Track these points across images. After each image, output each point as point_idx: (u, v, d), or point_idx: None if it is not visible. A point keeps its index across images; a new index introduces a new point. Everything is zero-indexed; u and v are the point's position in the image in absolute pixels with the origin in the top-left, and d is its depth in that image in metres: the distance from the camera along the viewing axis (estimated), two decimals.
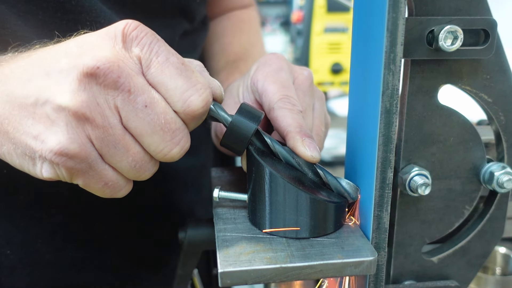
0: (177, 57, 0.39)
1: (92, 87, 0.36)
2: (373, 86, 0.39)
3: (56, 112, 0.36)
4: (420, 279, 0.47)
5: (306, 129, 0.45)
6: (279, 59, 0.52)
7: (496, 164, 0.45)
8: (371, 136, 0.40)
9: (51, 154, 0.36)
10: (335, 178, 0.44)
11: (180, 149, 0.39)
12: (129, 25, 0.38)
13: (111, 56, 0.36)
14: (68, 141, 0.36)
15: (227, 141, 0.43)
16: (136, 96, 0.37)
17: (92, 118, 0.36)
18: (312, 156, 0.43)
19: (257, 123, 0.42)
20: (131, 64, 0.37)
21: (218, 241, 0.41)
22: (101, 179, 0.39)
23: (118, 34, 0.37)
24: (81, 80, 0.35)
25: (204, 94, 0.39)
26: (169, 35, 0.63)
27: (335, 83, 1.81)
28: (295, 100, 0.47)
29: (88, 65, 0.35)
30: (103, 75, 0.36)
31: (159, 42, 0.38)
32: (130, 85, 0.36)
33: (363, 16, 0.41)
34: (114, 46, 0.37)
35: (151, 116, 0.37)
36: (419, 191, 0.42)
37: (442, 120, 0.43)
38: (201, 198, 0.77)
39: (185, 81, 0.38)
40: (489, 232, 0.48)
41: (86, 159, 0.37)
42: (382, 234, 0.41)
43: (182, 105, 0.38)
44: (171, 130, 0.38)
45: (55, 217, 0.60)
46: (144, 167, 0.40)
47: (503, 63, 0.43)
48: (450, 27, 0.39)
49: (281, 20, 2.84)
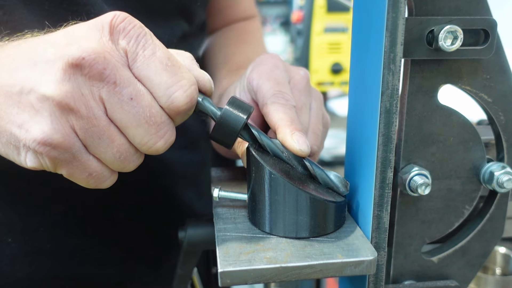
0: (164, 51, 0.39)
1: (77, 78, 0.36)
2: (373, 86, 0.39)
3: (40, 101, 0.36)
4: (420, 279, 0.47)
5: (297, 123, 0.45)
6: (274, 58, 0.52)
7: (496, 164, 0.45)
8: (371, 136, 0.40)
9: (34, 144, 0.36)
10: (323, 171, 0.44)
11: (165, 142, 0.40)
12: (117, 17, 0.38)
13: (97, 47, 0.36)
14: (51, 131, 0.36)
15: (216, 134, 0.42)
16: (122, 88, 0.37)
17: (76, 108, 0.36)
18: (300, 150, 0.43)
19: (246, 116, 0.42)
20: (117, 57, 0.37)
21: (218, 241, 0.41)
22: (85, 170, 0.39)
23: (105, 26, 0.37)
24: (66, 70, 0.35)
25: (189, 91, 0.39)
26: (169, 36, 0.64)
27: (335, 83, 1.81)
28: (289, 96, 0.47)
29: (74, 55, 0.35)
30: (89, 66, 0.36)
31: (147, 35, 0.38)
32: (115, 77, 0.36)
33: (363, 16, 0.41)
34: (101, 38, 0.37)
35: (136, 108, 0.37)
36: (419, 191, 0.42)
37: (442, 120, 0.44)
38: (201, 195, 0.77)
39: (170, 77, 0.38)
40: (489, 232, 0.48)
41: (69, 149, 0.37)
42: (382, 234, 0.41)
43: (166, 101, 0.38)
44: (156, 123, 0.38)
45: (56, 206, 0.60)
46: (129, 158, 0.40)
47: (503, 63, 0.43)
48: (450, 27, 0.39)
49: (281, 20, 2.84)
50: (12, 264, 0.59)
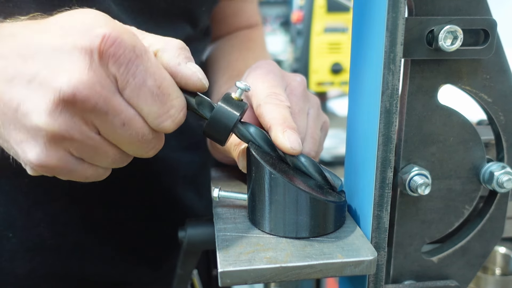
0: (155, 78, 0.38)
1: (68, 111, 0.36)
2: (373, 86, 0.39)
3: (34, 130, 0.36)
4: (419, 279, 0.47)
5: (290, 121, 0.45)
6: (270, 64, 0.52)
7: (496, 164, 0.45)
8: (371, 136, 0.40)
9: (31, 165, 0.38)
10: (320, 167, 0.44)
11: (156, 150, 0.42)
12: (106, 39, 0.36)
13: (87, 80, 0.35)
14: (47, 158, 0.38)
15: (209, 130, 0.43)
16: (113, 117, 0.37)
17: (70, 136, 0.37)
18: (292, 148, 0.43)
19: (240, 112, 0.42)
20: (107, 85, 0.37)
21: (218, 241, 0.41)
22: (83, 175, 0.41)
23: (94, 50, 0.36)
24: (58, 104, 0.35)
25: (178, 119, 0.40)
26: None
27: (335, 83, 1.81)
28: (283, 97, 0.47)
29: (65, 92, 0.35)
30: (81, 101, 0.36)
31: (137, 60, 0.37)
32: (107, 108, 0.37)
33: (363, 16, 0.41)
34: (91, 65, 0.36)
35: (129, 132, 0.39)
36: (419, 191, 0.42)
37: (442, 120, 0.44)
38: (201, 196, 0.78)
39: (159, 107, 0.39)
40: (489, 232, 0.48)
41: (65, 168, 0.39)
42: (382, 234, 0.41)
43: (155, 127, 0.40)
44: (148, 140, 0.40)
45: (57, 202, 0.60)
46: (123, 160, 0.42)
47: (503, 63, 0.43)
48: (450, 27, 0.39)
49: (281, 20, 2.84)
50: (12, 260, 0.59)
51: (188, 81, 0.41)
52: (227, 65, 0.76)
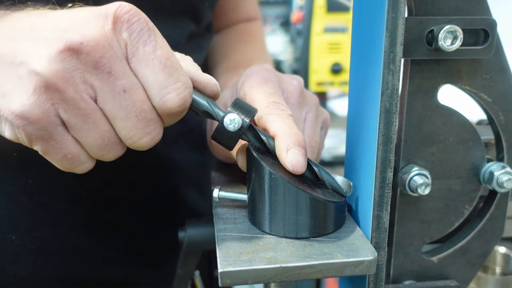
0: (165, 50, 0.38)
1: (71, 61, 0.36)
2: (372, 86, 0.39)
3: (28, 75, 0.36)
4: (420, 279, 0.47)
5: (296, 134, 0.43)
6: (264, 70, 0.51)
7: (496, 164, 0.45)
8: (371, 136, 0.40)
9: (12, 116, 0.36)
10: (329, 175, 0.44)
11: (151, 139, 0.39)
12: (122, 7, 0.37)
13: (98, 35, 0.36)
14: (31, 106, 0.36)
15: (219, 136, 0.43)
16: (116, 79, 0.37)
17: (63, 89, 0.36)
18: (293, 171, 0.42)
19: (250, 118, 0.42)
20: (116, 47, 0.37)
21: (218, 241, 0.41)
22: (61, 150, 0.38)
23: (109, 15, 0.37)
24: (62, 51, 0.35)
25: (183, 94, 0.39)
26: (177, 35, 0.64)
27: (335, 83, 1.81)
28: (283, 106, 0.47)
29: (72, 39, 0.35)
30: (85, 52, 0.35)
31: (150, 30, 0.38)
32: (111, 67, 0.36)
33: (363, 16, 0.41)
34: (104, 26, 0.37)
35: (128, 101, 0.37)
36: (419, 191, 0.42)
37: (442, 120, 0.44)
38: (205, 197, 0.77)
39: (166, 78, 0.38)
40: (489, 232, 0.48)
41: (46, 127, 0.37)
42: (382, 234, 0.41)
43: (158, 101, 0.38)
44: (146, 119, 0.38)
45: (60, 204, 0.60)
46: (110, 147, 0.39)
47: (503, 63, 0.43)
48: (450, 27, 0.39)
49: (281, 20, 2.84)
50: (15, 262, 0.59)
51: (207, 85, 0.42)
52: (223, 56, 0.76)
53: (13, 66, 0.36)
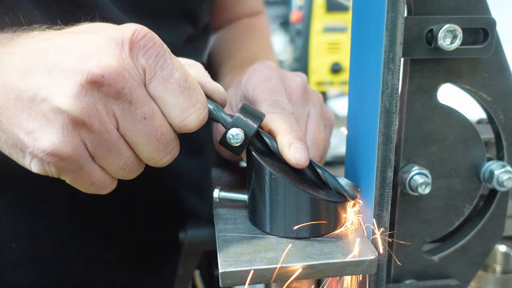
0: (182, 72, 0.38)
1: (94, 94, 0.36)
2: (372, 85, 0.39)
3: (54, 113, 0.36)
4: (420, 278, 0.47)
5: (296, 130, 0.44)
6: (267, 68, 0.52)
7: (496, 163, 0.45)
8: (371, 136, 0.40)
9: (42, 154, 0.36)
10: (334, 178, 0.44)
11: (171, 157, 0.41)
12: (138, 32, 0.37)
13: (117, 65, 0.36)
14: (62, 144, 0.36)
15: (224, 145, 0.43)
16: (136, 108, 0.37)
17: (90, 124, 0.36)
18: (296, 164, 0.42)
19: (258, 124, 0.42)
20: (135, 74, 0.37)
21: (219, 241, 0.41)
22: (89, 179, 0.40)
23: (126, 41, 0.37)
24: (84, 86, 0.35)
25: (202, 115, 0.40)
26: (174, 39, 0.63)
27: (334, 83, 1.81)
28: (285, 104, 0.47)
29: (94, 72, 0.35)
30: (107, 84, 0.36)
31: (166, 54, 0.38)
32: (132, 97, 0.37)
33: (362, 15, 0.41)
34: (121, 53, 0.37)
35: (148, 128, 0.38)
36: (419, 190, 0.42)
37: (442, 119, 0.44)
38: (205, 200, 0.77)
39: (186, 100, 0.38)
40: (489, 231, 0.48)
41: (77, 161, 0.37)
42: (382, 233, 0.41)
43: (179, 123, 0.39)
44: (166, 141, 0.39)
45: (60, 211, 0.60)
46: (133, 169, 0.41)
47: (502, 62, 0.43)
48: (449, 26, 0.39)
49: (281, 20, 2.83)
50: (16, 269, 0.59)
51: (215, 91, 0.42)
52: (229, 54, 0.75)
53: (34, 102, 0.36)
